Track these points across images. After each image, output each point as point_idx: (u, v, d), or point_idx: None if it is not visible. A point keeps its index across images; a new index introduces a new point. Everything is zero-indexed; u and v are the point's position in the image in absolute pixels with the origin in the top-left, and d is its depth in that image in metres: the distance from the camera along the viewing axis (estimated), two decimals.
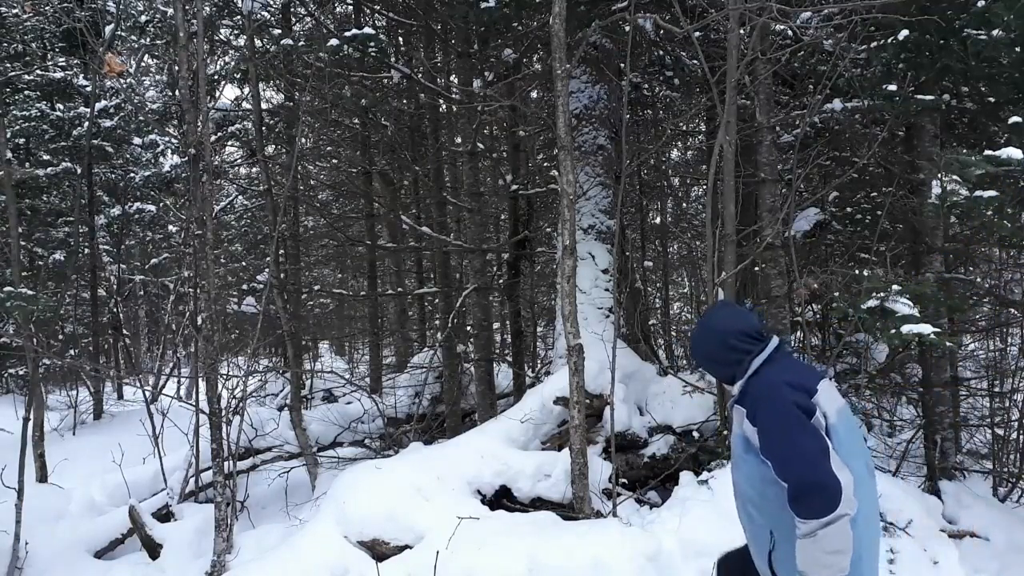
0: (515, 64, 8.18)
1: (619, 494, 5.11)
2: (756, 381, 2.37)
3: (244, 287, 11.02)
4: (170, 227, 15.89)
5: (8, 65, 12.02)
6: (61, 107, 12.39)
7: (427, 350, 9.22)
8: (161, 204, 14.00)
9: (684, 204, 11.77)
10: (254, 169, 13.18)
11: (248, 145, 11.60)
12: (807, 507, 2.10)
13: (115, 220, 13.66)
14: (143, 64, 16.17)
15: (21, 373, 13.40)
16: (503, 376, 9.42)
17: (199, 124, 5.19)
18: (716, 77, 5.00)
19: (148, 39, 13.64)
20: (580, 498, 4.60)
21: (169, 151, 13.75)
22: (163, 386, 12.32)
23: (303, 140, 10.25)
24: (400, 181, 11.50)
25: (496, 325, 12.51)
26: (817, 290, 5.84)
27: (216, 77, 11.13)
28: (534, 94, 9.68)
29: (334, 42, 6.54)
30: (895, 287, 4.52)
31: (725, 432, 4.90)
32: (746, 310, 2.57)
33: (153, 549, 5.39)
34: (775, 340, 2.46)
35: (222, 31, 10.91)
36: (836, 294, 5.44)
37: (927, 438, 5.69)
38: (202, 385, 5.32)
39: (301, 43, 7.51)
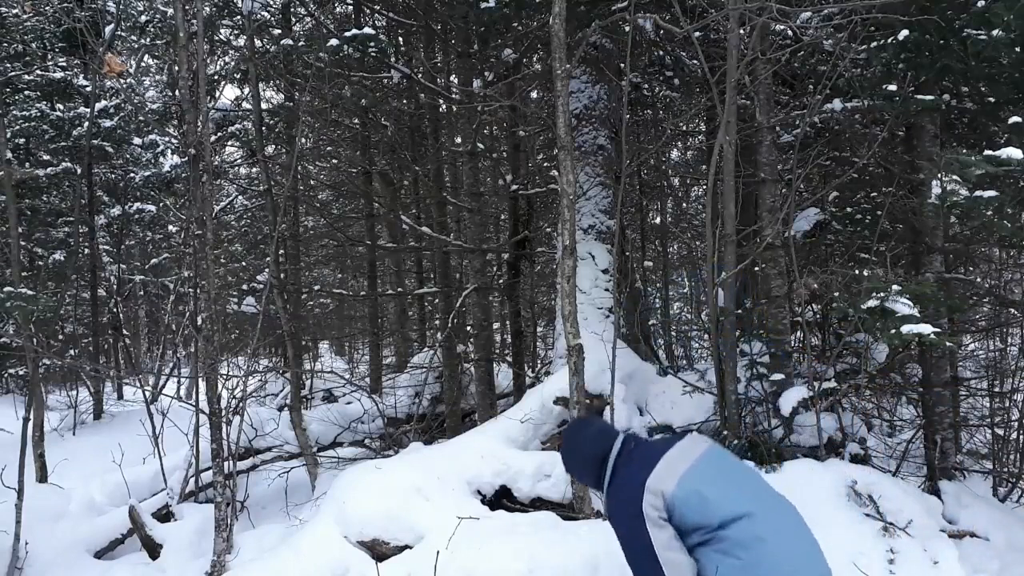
0: (515, 64, 8.17)
1: None
2: (608, 493, 2.82)
3: (244, 287, 11.01)
4: (170, 227, 15.90)
5: (8, 65, 12.01)
6: (61, 107, 12.39)
7: (427, 350, 9.22)
8: (161, 204, 14.00)
9: (684, 204, 11.76)
10: (254, 169, 13.18)
11: (248, 145, 11.59)
12: None
13: (115, 220, 13.66)
14: (143, 64, 16.19)
15: (21, 373, 13.39)
16: (503, 376, 9.41)
17: (199, 124, 5.19)
18: (716, 77, 4.99)
19: (148, 39, 13.65)
20: (580, 498, 4.60)
21: (169, 151, 13.75)
22: (163, 386, 12.33)
23: (303, 140, 10.25)
24: (400, 181, 11.49)
25: (496, 325, 12.51)
26: (817, 290, 5.83)
27: (216, 77, 11.14)
28: (534, 94, 9.67)
29: (334, 42, 6.53)
30: (895, 287, 4.51)
31: (725, 432, 4.90)
32: (591, 427, 3.07)
33: (153, 549, 5.39)
34: (615, 448, 2.87)
35: (222, 31, 10.92)
36: (836, 294, 5.43)
37: (927, 438, 5.69)
38: (202, 385, 5.31)
39: (301, 43, 7.51)
